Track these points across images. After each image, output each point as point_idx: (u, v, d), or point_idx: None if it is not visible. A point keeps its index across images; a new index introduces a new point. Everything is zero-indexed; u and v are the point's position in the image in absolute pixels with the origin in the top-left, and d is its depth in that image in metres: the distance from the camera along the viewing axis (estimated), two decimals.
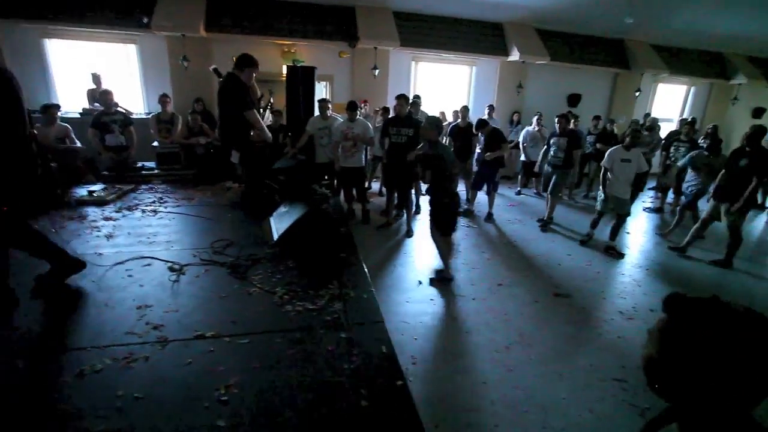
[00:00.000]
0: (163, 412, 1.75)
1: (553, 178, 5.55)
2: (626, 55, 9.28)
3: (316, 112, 5.23)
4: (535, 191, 7.80)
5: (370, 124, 5.36)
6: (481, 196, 6.23)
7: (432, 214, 3.78)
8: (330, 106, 5.31)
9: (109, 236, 3.54)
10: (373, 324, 2.39)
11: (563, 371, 2.71)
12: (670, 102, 10.55)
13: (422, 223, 5.64)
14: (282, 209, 3.17)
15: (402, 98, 4.86)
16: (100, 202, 4.37)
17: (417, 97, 7.11)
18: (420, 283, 3.90)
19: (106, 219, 3.95)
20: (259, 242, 3.28)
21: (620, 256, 4.75)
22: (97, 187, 4.75)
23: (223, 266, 2.96)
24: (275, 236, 3.07)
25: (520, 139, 7.27)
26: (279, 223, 3.14)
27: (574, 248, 5.04)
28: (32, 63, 6.66)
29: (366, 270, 2.94)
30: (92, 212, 4.09)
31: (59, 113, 5.43)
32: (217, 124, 6.60)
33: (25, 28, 6.52)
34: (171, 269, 2.93)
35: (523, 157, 7.33)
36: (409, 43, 7.88)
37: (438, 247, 3.83)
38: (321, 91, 7.50)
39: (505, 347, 2.98)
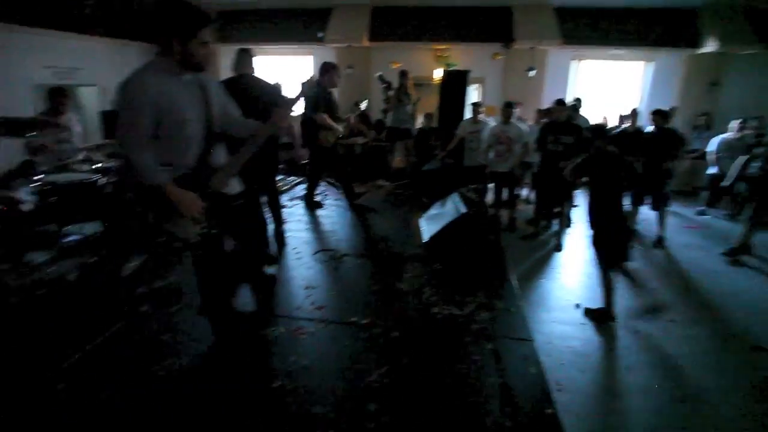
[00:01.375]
0: (323, 384, 1.98)
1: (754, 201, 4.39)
2: None
3: (467, 116, 5.23)
4: (725, 213, 6.32)
5: (526, 128, 5.11)
6: (648, 213, 5.31)
7: (596, 240, 3.22)
8: (482, 109, 5.24)
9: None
10: (521, 341, 2.29)
11: None
12: None
13: (572, 238, 5.14)
14: (432, 211, 3.26)
15: (560, 104, 4.50)
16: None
17: (577, 100, 6.48)
18: (577, 306, 3.48)
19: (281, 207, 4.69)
20: (409, 241, 3.45)
21: None
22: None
23: (375, 260, 3.22)
24: (425, 237, 3.19)
25: (713, 148, 5.94)
26: (429, 224, 3.25)
27: None
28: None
29: (515, 283, 2.83)
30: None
31: None
32: (372, 126, 7.19)
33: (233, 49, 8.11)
34: (333, 257, 3.30)
35: (714, 170, 5.97)
36: (572, 41, 7.21)
37: (601, 280, 3.28)
38: (472, 94, 7.45)
39: (676, 399, 2.51)
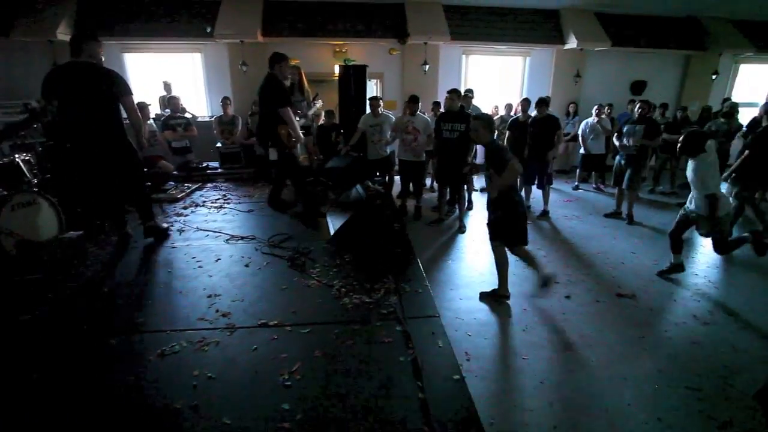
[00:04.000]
0: (233, 393, 1.89)
1: (628, 171, 5.19)
2: (701, 34, 8.47)
3: (368, 110, 5.32)
4: (594, 186, 7.38)
5: (428, 119, 5.36)
6: (536, 192, 6.01)
7: (493, 222, 3.34)
8: (381, 103, 5.38)
9: (180, 231, 3.86)
10: (428, 318, 2.41)
11: (628, 376, 2.56)
12: (757, 85, 9.45)
13: (474, 220, 5.56)
14: (337, 205, 3.27)
15: (453, 93, 4.81)
16: (171, 200, 4.76)
17: (469, 91, 6.98)
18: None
19: (177, 215, 4.30)
20: (316, 237, 3.41)
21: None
22: (168, 186, 5.17)
23: (282, 259, 3.13)
24: (331, 231, 3.18)
25: (579, 131, 6.89)
26: (335, 218, 3.25)
27: (639, 246, 4.72)
28: None
29: (420, 265, 2.96)
30: (166, 209, 4.47)
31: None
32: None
33: (109, 44, 7.22)
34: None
35: (582, 150, 6.93)
36: (460, 37, 7.76)
37: (496, 261, 3.42)
38: (372, 88, 7.60)
39: (564, 348, 2.87)
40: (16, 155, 3.46)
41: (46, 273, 2.89)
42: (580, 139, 6.86)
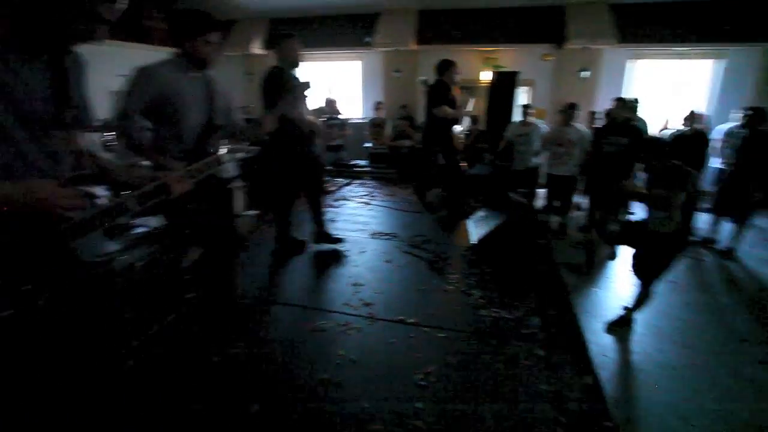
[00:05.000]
0: (371, 380, 2.01)
1: None
2: None
3: (516, 118, 5.11)
4: None
5: (587, 131, 4.92)
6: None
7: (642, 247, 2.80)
8: (533, 111, 5.10)
9: (331, 221, 4.29)
10: (575, 350, 2.20)
11: None
12: None
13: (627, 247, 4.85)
14: (481, 213, 3.21)
15: (620, 101, 4.29)
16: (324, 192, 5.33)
17: (635, 100, 6.13)
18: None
19: (328, 207, 4.80)
20: (456, 243, 3.41)
21: None
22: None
23: (422, 260, 3.21)
24: (474, 240, 3.14)
25: None
26: (478, 227, 3.20)
27: None
28: None
29: (568, 289, 2.72)
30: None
31: None
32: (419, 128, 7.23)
33: None
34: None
35: None
36: (629, 39, 6.85)
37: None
38: (521, 96, 7.28)
39: (754, 427, 2.29)
40: None
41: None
42: None
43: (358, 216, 4.35)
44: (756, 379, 2.68)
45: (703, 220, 5.14)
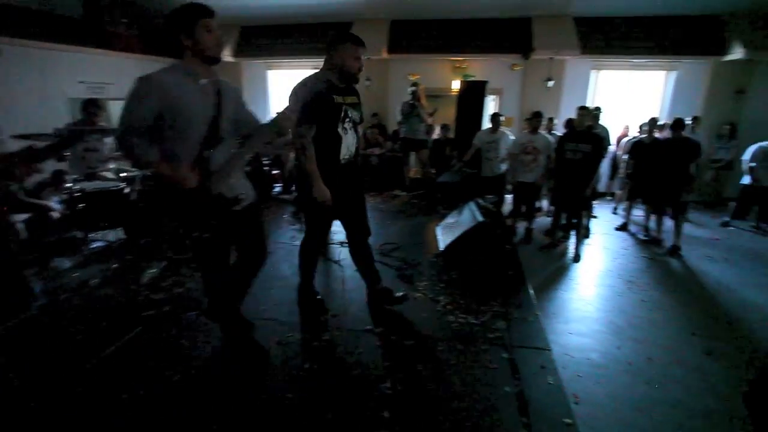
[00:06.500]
0: (337, 391, 2.01)
1: None
2: None
3: (484, 126, 5.26)
4: (754, 225, 6.11)
5: (552, 138, 5.12)
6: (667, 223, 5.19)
7: None
8: (502, 119, 5.27)
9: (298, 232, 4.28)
10: (538, 350, 2.29)
11: None
12: None
13: (590, 249, 5.07)
14: (449, 220, 3.29)
15: (584, 110, 4.50)
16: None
17: (597, 109, 6.43)
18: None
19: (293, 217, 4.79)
20: (424, 250, 3.48)
21: None
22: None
23: (391, 268, 3.25)
24: (442, 246, 3.21)
25: (746, 157, 5.69)
26: (446, 233, 3.27)
27: None
28: (258, 89, 8.61)
29: (532, 292, 2.82)
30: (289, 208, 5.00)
31: None
32: (389, 136, 7.31)
33: (256, 63, 8.49)
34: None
35: (747, 180, 5.72)
36: (591, 51, 7.18)
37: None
38: (490, 104, 7.48)
39: (701, 415, 2.44)
40: None
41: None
42: (745, 165, 5.69)
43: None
44: (703, 369, 2.88)
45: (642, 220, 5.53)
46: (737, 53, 6.69)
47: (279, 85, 8.75)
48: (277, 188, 6.13)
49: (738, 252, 5.13)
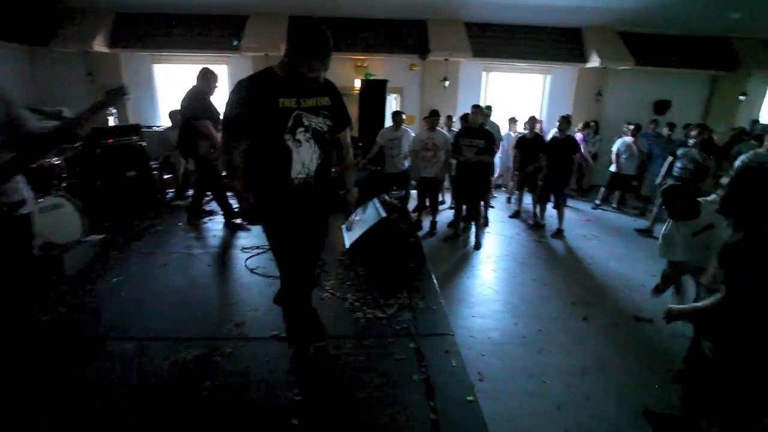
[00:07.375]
0: (243, 406, 1.88)
1: None
2: (730, 54, 8.29)
3: (387, 124, 5.37)
4: (615, 206, 7.20)
5: (449, 135, 5.40)
6: (550, 211, 5.88)
7: None
8: (404, 117, 5.43)
9: (203, 239, 3.95)
10: (442, 336, 2.38)
11: (649, 405, 2.46)
12: None
13: (490, 237, 5.50)
14: (354, 218, 3.28)
15: (477, 108, 4.83)
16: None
17: (488, 107, 6.98)
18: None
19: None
20: (330, 249, 3.41)
21: None
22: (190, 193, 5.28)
23: None
24: (347, 244, 3.19)
25: (614, 149, 6.64)
26: (351, 231, 3.26)
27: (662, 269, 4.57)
28: (144, 84, 7.71)
29: (435, 281, 2.94)
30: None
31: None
32: None
33: (140, 55, 7.58)
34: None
35: (613, 168, 6.68)
36: (481, 54, 7.78)
37: None
38: (391, 103, 7.67)
39: (581, 371, 2.78)
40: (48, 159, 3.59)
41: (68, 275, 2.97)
42: (613, 156, 6.64)
43: (221, 231, 4.11)
44: (581, 333, 3.28)
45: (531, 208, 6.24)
46: (594, 61, 7.81)
47: (169, 82, 7.96)
48: (170, 194, 5.56)
49: (605, 230, 5.99)
